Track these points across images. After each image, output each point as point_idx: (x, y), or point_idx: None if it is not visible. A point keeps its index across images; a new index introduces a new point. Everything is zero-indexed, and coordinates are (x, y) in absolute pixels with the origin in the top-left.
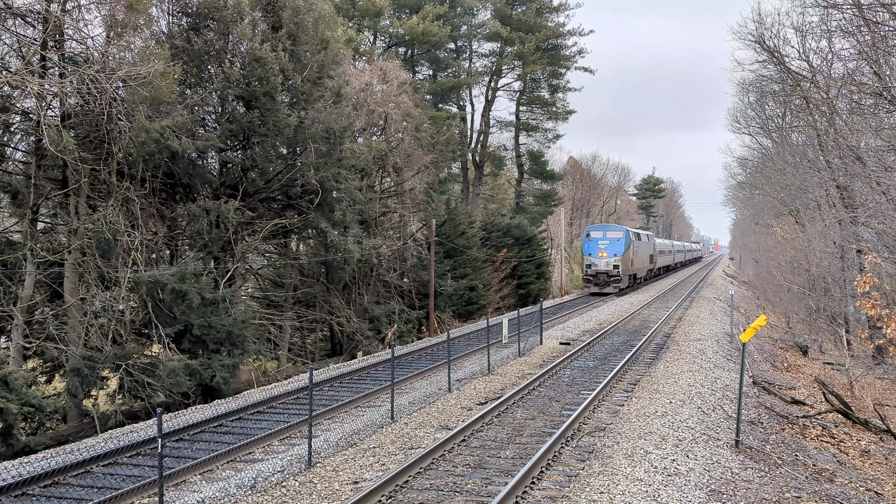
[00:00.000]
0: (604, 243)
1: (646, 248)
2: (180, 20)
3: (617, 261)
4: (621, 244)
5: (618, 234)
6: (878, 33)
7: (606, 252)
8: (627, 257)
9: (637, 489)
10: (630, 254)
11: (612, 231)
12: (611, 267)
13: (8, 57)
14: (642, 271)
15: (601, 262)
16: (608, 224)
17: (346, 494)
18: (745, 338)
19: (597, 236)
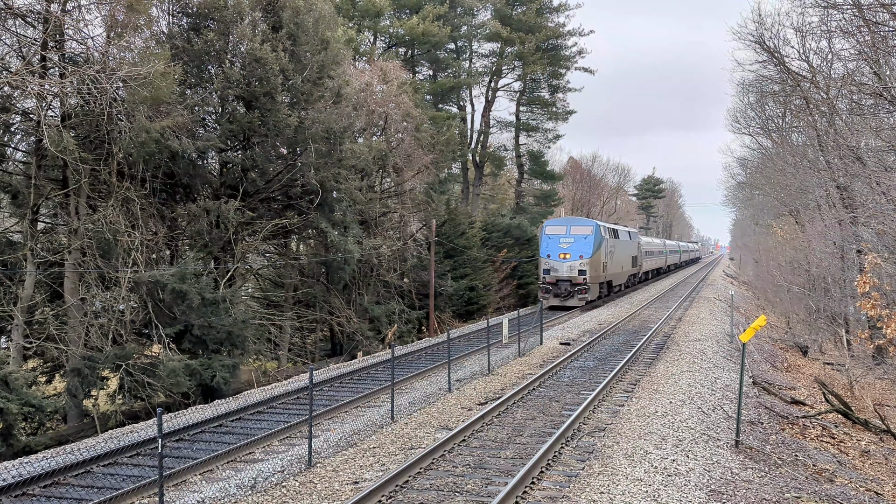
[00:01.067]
0: (566, 241)
1: (626, 248)
2: (180, 20)
3: (583, 264)
4: (589, 243)
5: (585, 229)
6: (878, 33)
7: (570, 253)
8: (598, 260)
9: (637, 489)
10: (602, 255)
11: (578, 226)
12: (575, 272)
13: (8, 57)
14: (621, 277)
15: (562, 267)
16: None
17: (346, 494)
18: (745, 338)
19: (557, 233)
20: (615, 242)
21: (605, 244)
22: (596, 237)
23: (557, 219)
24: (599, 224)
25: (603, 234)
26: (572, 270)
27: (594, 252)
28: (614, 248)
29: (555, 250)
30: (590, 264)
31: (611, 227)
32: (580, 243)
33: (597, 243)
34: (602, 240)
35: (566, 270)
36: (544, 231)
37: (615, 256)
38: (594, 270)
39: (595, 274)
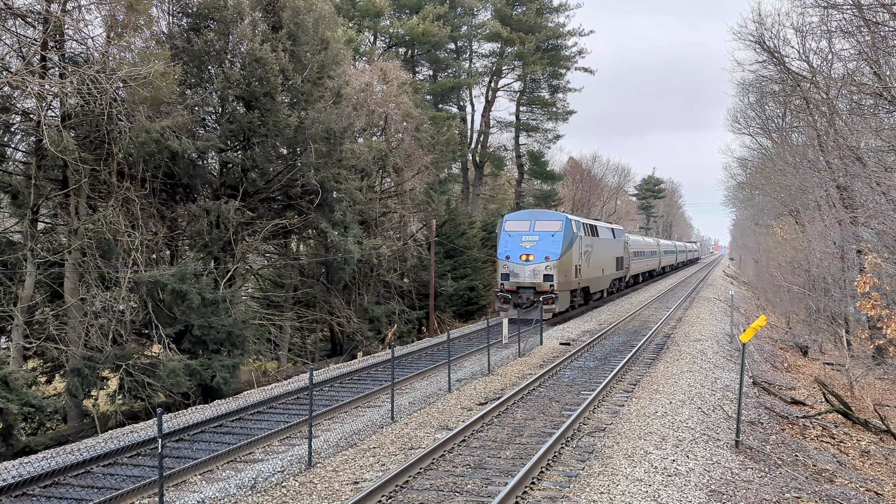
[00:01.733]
0: (529, 240)
1: (608, 247)
2: (180, 20)
3: (550, 268)
4: (557, 241)
5: (552, 224)
6: (878, 34)
7: (533, 254)
8: (568, 262)
9: (637, 489)
10: (574, 256)
11: (544, 220)
12: (539, 278)
13: (8, 57)
14: (601, 282)
15: (524, 271)
16: (538, 210)
17: (346, 494)
18: (745, 338)
19: (518, 229)
20: (593, 241)
21: (578, 243)
22: (566, 234)
23: (519, 212)
24: (571, 218)
25: (575, 231)
26: (536, 275)
27: (564, 252)
28: (592, 248)
29: (515, 250)
30: (558, 267)
31: (588, 223)
32: (546, 242)
33: (567, 242)
34: (574, 238)
35: (528, 275)
36: (503, 226)
37: (593, 258)
38: (563, 275)
39: (565, 279)
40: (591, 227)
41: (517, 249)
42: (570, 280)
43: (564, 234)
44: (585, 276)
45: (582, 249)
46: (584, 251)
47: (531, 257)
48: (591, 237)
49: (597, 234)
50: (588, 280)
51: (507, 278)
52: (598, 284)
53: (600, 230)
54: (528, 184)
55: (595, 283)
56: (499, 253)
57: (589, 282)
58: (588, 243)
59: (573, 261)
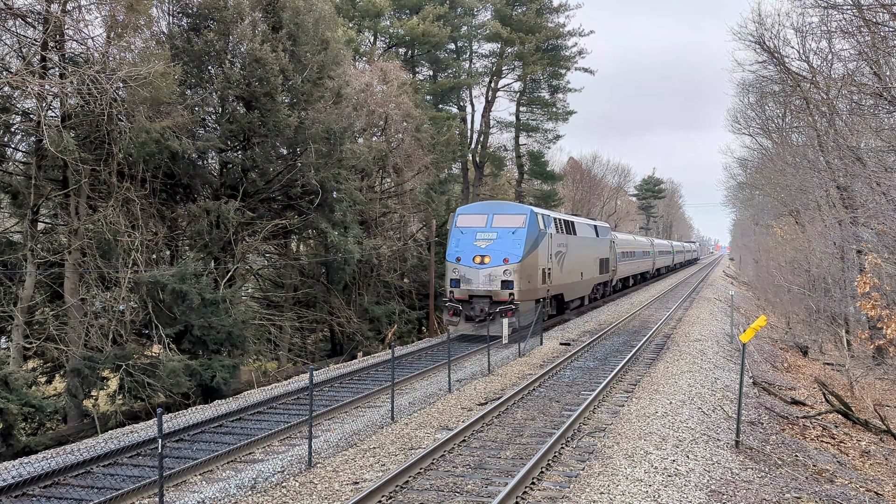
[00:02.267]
0: (485, 237)
1: (589, 247)
2: (180, 21)
3: (509, 272)
4: (519, 240)
5: (514, 219)
6: (878, 34)
7: (489, 255)
8: (534, 264)
9: (637, 490)
10: (542, 258)
11: (504, 215)
12: (496, 285)
13: (8, 57)
14: (580, 288)
15: (478, 276)
16: (498, 202)
17: (346, 495)
18: (745, 338)
19: (472, 224)
20: (568, 240)
21: (547, 242)
22: (530, 231)
23: (474, 204)
24: (538, 212)
25: (543, 227)
26: (492, 281)
27: (527, 253)
28: (566, 248)
29: (468, 251)
30: (519, 272)
31: (561, 219)
32: (506, 240)
33: (532, 240)
34: (542, 235)
35: (483, 282)
36: (455, 221)
37: (569, 259)
38: (527, 281)
39: (529, 286)
40: (565, 223)
41: (470, 250)
42: (535, 287)
43: (528, 231)
44: (558, 282)
45: (552, 249)
46: (556, 252)
47: (487, 259)
48: (566, 235)
49: (573, 231)
50: (561, 286)
51: (457, 285)
52: (576, 291)
53: (578, 227)
54: (528, 184)
55: (571, 290)
56: (448, 253)
57: (563, 288)
58: (561, 242)
59: (540, 263)
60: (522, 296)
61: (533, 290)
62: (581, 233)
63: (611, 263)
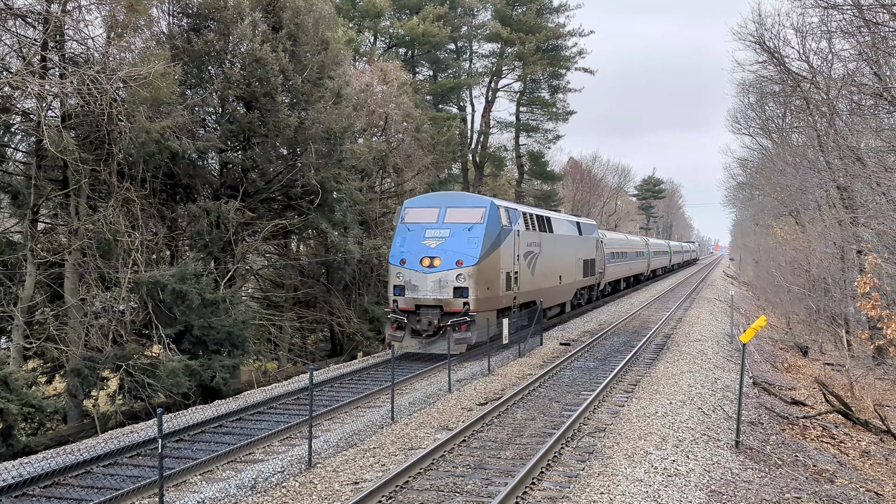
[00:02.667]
0: (436, 236)
1: (569, 247)
2: (181, 21)
3: (464, 277)
4: (476, 238)
5: (471, 213)
6: (878, 34)
7: (440, 257)
8: (494, 267)
9: (637, 490)
10: (505, 259)
11: (460, 208)
12: (448, 292)
13: (8, 58)
14: (559, 294)
15: (426, 283)
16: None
17: (346, 495)
18: (745, 338)
19: (423, 220)
20: (542, 239)
21: (512, 240)
22: (490, 227)
23: (425, 195)
24: (500, 205)
25: (507, 223)
26: (443, 288)
27: (486, 254)
28: (540, 248)
29: (414, 251)
30: (476, 276)
31: (533, 214)
32: (460, 239)
33: (492, 238)
34: (506, 232)
35: (432, 288)
36: (402, 216)
37: (543, 261)
38: (486, 287)
39: (489, 294)
40: (538, 218)
41: (417, 250)
42: (496, 294)
43: (488, 228)
44: (529, 287)
45: (520, 249)
46: (527, 252)
47: (437, 262)
48: (539, 233)
49: (548, 228)
50: (534, 292)
51: (401, 293)
52: (553, 297)
53: (556, 223)
54: (529, 184)
55: (546, 296)
56: (391, 255)
57: (535, 294)
58: (533, 241)
59: (503, 265)
60: (480, 305)
61: (494, 299)
62: (559, 230)
63: (597, 265)
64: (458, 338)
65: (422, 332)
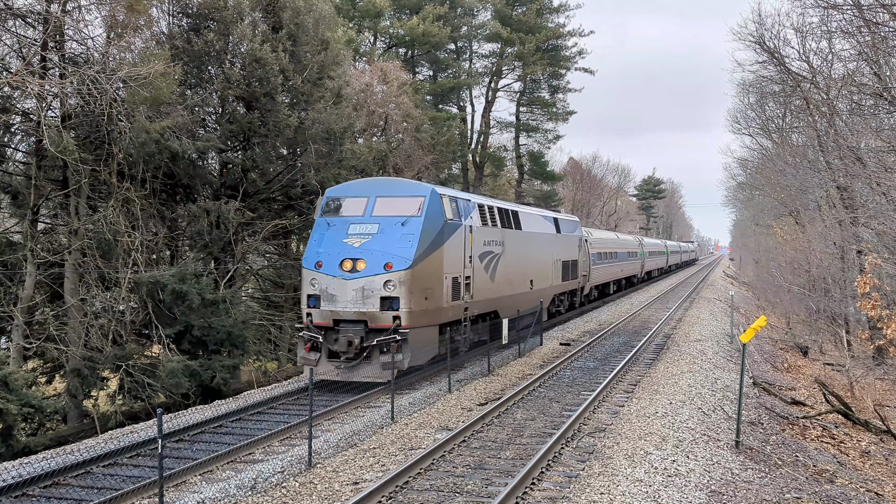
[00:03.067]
0: (361, 233)
1: (543, 246)
2: (180, 21)
3: (394, 284)
4: (412, 235)
5: (406, 204)
6: (878, 34)
7: (365, 259)
8: (436, 271)
9: (637, 490)
10: (454, 260)
11: (393, 197)
12: (373, 304)
13: (8, 58)
14: (531, 300)
15: (347, 291)
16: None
17: (346, 495)
18: (745, 338)
19: (347, 213)
20: (506, 236)
21: (463, 237)
22: (431, 221)
23: (351, 182)
24: (446, 194)
25: (455, 217)
26: (367, 299)
27: (424, 254)
28: (503, 247)
29: (334, 252)
30: (410, 283)
31: (493, 206)
32: (391, 236)
33: (433, 234)
34: (451, 228)
35: (353, 298)
36: (322, 207)
37: (508, 262)
38: (423, 297)
39: (428, 305)
40: (502, 212)
41: (337, 251)
42: (439, 305)
43: (427, 221)
44: (487, 295)
45: (473, 249)
46: (484, 252)
47: (360, 265)
48: (501, 229)
49: (514, 224)
50: (494, 300)
51: (316, 304)
52: (519, 305)
53: (525, 219)
54: (529, 184)
55: (513, 305)
56: (305, 257)
57: (497, 304)
58: (493, 239)
59: (448, 268)
60: (415, 319)
61: (435, 311)
62: (530, 226)
63: (580, 267)
64: (386, 362)
65: (340, 353)
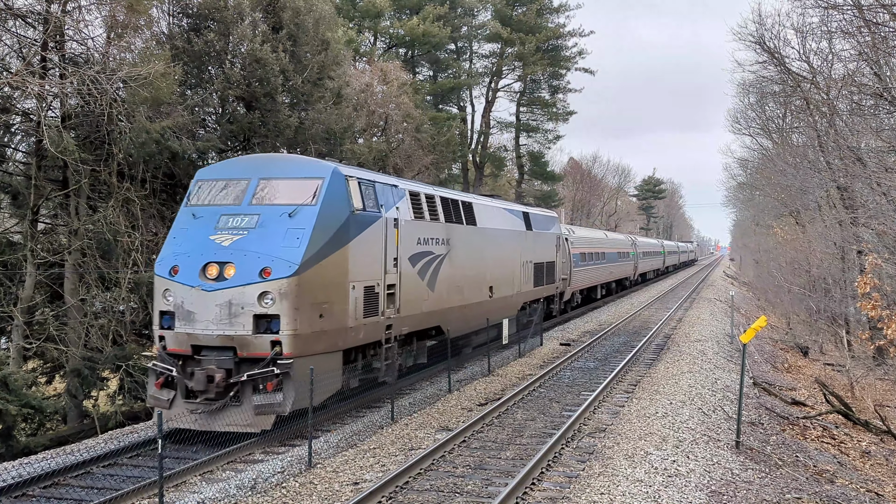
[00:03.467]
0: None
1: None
2: (181, 21)
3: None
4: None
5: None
6: (879, 34)
7: (234, 262)
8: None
9: (637, 490)
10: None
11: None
12: (245, 324)
13: (8, 58)
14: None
15: (208, 306)
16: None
17: (346, 495)
18: (745, 339)
19: (220, 201)
20: (455, 232)
21: (381, 233)
22: (329, 210)
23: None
24: (353, 175)
25: (370, 207)
26: (237, 317)
27: (321, 255)
28: (449, 246)
29: (195, 253)
30: (297, 296)
31: (437, 195)
32: (273, 230)
33: (333, 229)
34: (365, 220)
35: (218, 317)
36: (190, 194)
37: (457, 266)
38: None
39: (327, 325)
40: (446, 203)
41: (200, 251)
42: (342, 325)
43: (324, 211)
44: (421, 308)
45: (401, 249)
46: (419, 253)
47: (229, 271)
48: (445, 224)
49: (466, 218)
50: (436, 314)
51: (170, 323)
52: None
53: (481, 212)
54: (529, 184)
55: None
56: (159, 260)
57: (440, 318)
58: (432, 236)
59: (357, 275)
60: (305, 344)
61: (335, 333)
62: (488, 221)
63: (559, 269)
64: (261, 405)
65: (198, 392)
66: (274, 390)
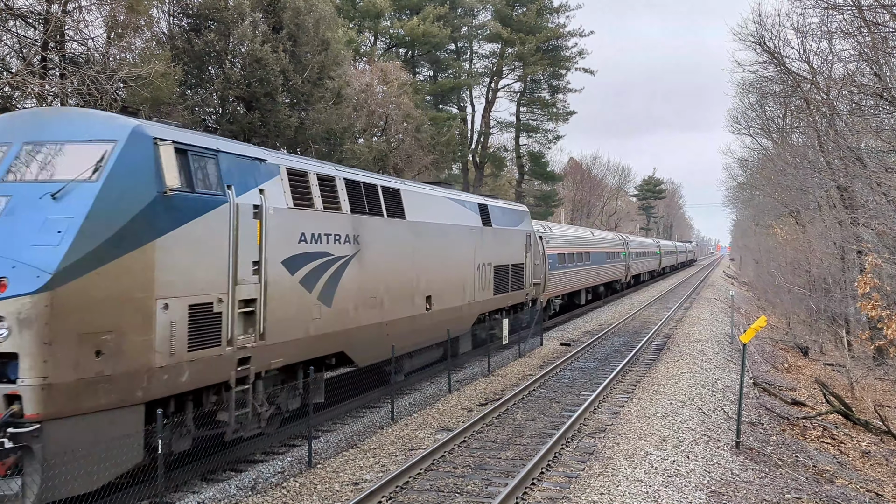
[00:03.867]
0: None
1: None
2: (181, 21)
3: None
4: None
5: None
6: (879, 34)
7: None
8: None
9: (637, 490)
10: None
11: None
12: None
13: (9, 58)
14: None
15: None
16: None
17: (346, 495)
18: (745, 339)
19: None
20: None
21: (228, 224)
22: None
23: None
24: (167, 139)
25: (208, 186)
26: None
27: (96, 258)
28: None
29: None
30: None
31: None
32: (26, 219)
33: (127, 218)
34: (195, 206)
35: None
36: None
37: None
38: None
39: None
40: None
41: None
42: (146, 364)
43: (108, 191)
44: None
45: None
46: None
47: None
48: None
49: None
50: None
51: None
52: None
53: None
54: (529, 184)
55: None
56: None
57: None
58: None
59: (172, 287)
60: (70, 400)
61: (133, 375)
62: (423, 214)
63: (530, 273)
64: None
65: None
66: (6, 475)
